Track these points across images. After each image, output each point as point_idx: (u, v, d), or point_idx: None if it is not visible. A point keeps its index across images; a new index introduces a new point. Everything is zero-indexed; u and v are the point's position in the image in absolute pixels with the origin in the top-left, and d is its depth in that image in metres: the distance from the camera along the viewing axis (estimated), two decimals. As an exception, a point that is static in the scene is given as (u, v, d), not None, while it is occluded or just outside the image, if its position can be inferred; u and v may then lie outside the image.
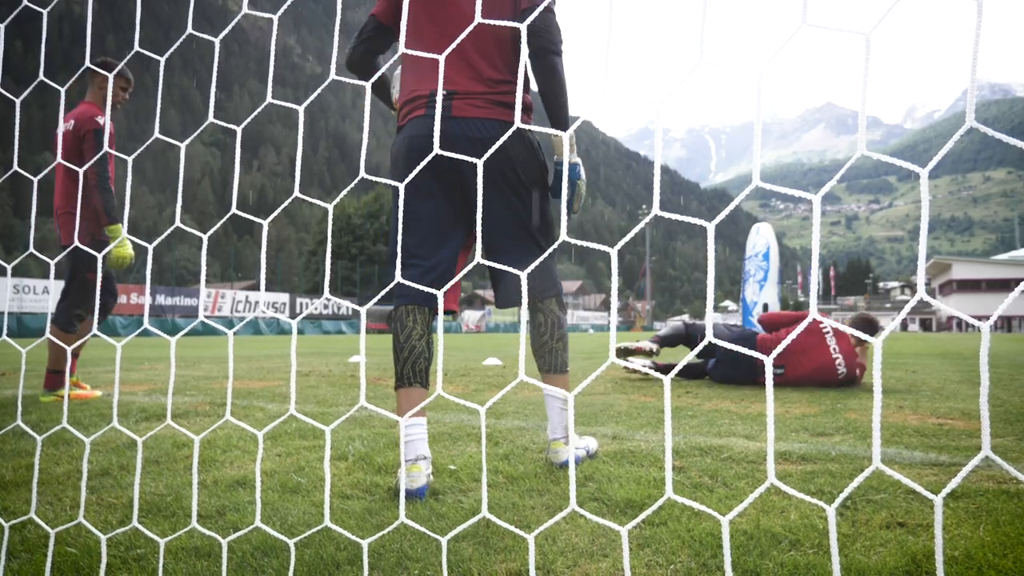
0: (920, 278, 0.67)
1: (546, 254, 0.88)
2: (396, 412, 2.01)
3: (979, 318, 0.60)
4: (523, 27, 0.88)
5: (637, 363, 4.84)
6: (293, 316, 31.68)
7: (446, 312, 1.97)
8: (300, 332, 29.37)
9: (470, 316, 46.95)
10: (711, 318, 0.63)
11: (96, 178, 3.57)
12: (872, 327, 4.74)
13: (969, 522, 1.43)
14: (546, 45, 1.92)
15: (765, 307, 12.71)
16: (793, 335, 0.68)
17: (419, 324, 1.95)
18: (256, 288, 34.89)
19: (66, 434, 2.44)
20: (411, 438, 1.84)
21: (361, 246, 49.13)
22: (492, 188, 1.99)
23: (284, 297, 32.97)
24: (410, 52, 0.91)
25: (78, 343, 2.08)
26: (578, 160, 2.08)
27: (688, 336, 4.94)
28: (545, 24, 1.92)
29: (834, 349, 4.22)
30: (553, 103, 1.95)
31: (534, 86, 2.01)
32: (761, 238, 14.37)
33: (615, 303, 0.82)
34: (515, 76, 1.99)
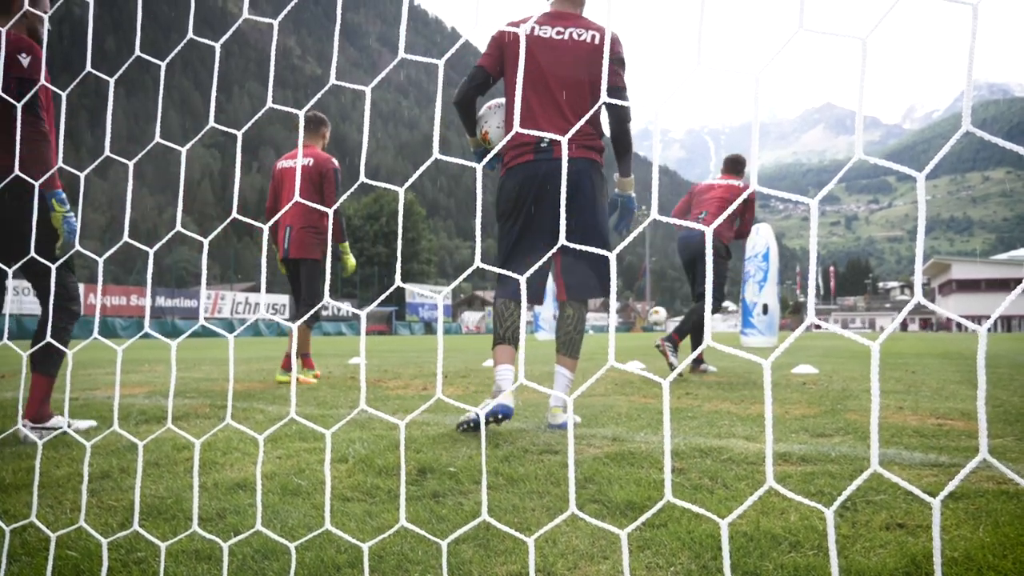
0: (917, 281, 0.68)
1: (546, 257, 0.89)
2: (493, 362, 2.75)
3: (978, 318, 0.60)
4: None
5: (635, 367, 4.85)
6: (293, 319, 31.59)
7: (536, 303, 2.92)
8: (300, 334, 29.28)
9: (469, 317, 46.94)
10: (709, 318, 0.63)
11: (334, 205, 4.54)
12: (738, 165, 5.65)
13: (968, 523, 1.43)
14: (626, 115, 2.73)
15: (765, 308, 12.70)
16: (796, 335, 0.68)
17: (516, 309, 2.75)
18: (256, 289, 34.83)
19: (66, 437, 2.44)
20: (504, 378, 2.63)
21: (361, 248, 49.12)
22: (575, 204, 2.70)
23: (284, 299, 32.92)
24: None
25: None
26: (634, 194, 2.95)
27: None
28: (626, 97, 2.74)
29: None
30: (626, 154, 2.84)
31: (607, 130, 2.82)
32: (761, 239, 14.37)
33: (614, 304, 0.82)
34: (597, 128, 2.78)
